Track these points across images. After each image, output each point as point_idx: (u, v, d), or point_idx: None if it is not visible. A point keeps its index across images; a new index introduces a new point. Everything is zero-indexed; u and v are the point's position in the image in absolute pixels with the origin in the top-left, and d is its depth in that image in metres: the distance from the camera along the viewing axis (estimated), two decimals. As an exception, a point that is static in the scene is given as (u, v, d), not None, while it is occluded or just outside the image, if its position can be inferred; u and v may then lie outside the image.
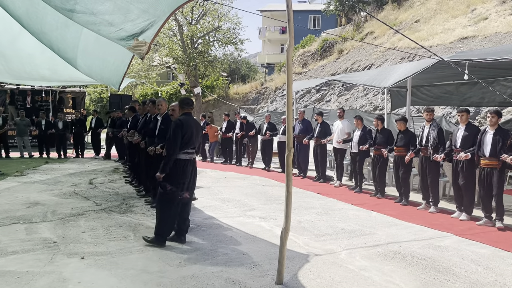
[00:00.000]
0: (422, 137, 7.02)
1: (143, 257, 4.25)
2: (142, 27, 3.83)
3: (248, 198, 7.56)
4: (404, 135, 7.44)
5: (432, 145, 6.75)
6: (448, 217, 6.40)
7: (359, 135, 8.46)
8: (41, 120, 13.48)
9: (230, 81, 36.68)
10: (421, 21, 21.90)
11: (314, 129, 9.87)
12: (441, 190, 7.50)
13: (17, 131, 13.23)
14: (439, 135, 6.74)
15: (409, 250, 4.72)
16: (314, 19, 37.72)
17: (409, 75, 7.85)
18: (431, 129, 6.86)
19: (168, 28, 22.00)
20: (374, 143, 7.97)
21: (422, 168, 7.06)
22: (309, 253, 4.55)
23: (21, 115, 13.73)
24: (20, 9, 5.14)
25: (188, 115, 4.82)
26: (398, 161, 7.47)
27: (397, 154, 7.48)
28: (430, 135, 6.82)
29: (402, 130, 7.51)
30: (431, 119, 6.96)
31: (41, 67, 8.78)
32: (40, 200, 6.77)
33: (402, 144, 7.41)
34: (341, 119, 9.23)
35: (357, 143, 8.39)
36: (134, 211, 6.26)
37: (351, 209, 6.89)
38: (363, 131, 8.47)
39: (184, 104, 4.88)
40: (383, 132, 7.93)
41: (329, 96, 21.86)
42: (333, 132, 9.42)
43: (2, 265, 3.91)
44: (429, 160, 6.81)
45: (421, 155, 7.06)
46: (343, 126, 9.11)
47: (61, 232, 5.03)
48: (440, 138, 6.72)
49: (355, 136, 8.60)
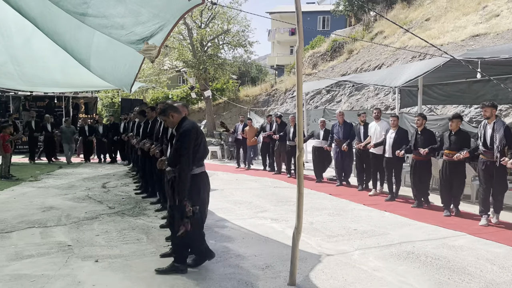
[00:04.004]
0: (486, 137, 5.85)
1: (156, 259, 4.28)
2: (152, 31, 3.88)
3: (259, 199, 7.57)
4: (457, 136, 6.38)
5: (499, 147, 5.62)
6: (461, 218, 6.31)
7: (393, 137, 7.53)
8: (84, 126, 13.91)
9: (240, 83, 36.74)
10: (432, 19, 21.70)
11: (358, 132, 8.72)
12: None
13: (63, 138, 13.57)
14: (507, 135, 5.61)
15: (422, 250, 4.68)
16: (323, 20, 37.62)
17: (420, 74, 7.78)
18: (496, 128, 5.73)
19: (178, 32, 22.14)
20: (414, 146, 7.03)
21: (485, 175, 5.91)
22: (322, 254, 4.54)
23: (67, 122, 14.12)
24: (34, 11, 5.22)
25: (186, 119, 3.99)
26: (449, 167, 6.44)
27: (450, 159, 6.38)
28: (495, 136, 5.70)
29: (455, 130, 6.42)
30: (491, 116, 5.80)
31: (53, 70, 8.91)
32: (54, 204, 6.86)
33: (456, 146, 6.30)
34: (377, 121, 8.14)
35: (392, 146, 7.51)
36: (146, 214, 6.31)
37: (364, 209, 6.85)
38: (399, 132, 7.54)
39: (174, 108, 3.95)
40: (425, 133, 6.99)
41: (340, 96, 21.76)
42: (369, 135, 8.32)
43: (18, 269, 3.98)
44: (494, 165, 5.71)
45: (483, 159, 5.89)
46: (381, 129, 8.02)
47: (75, 235, 5.10)
48: (508, 139, 5.59)
49: (388, 138, 7.64)
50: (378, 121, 8.15)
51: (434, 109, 14.20)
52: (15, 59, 8.23)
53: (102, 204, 6.93)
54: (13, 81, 10.29)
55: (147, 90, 30.70)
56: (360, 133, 8.59)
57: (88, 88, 14.97)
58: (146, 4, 3.65)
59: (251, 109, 25.88)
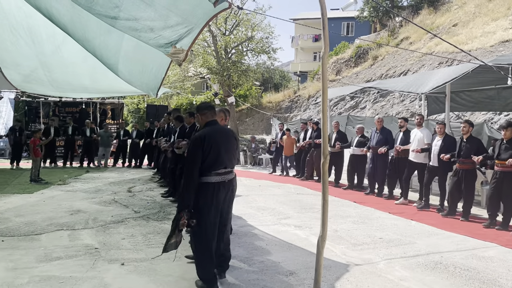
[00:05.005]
0: None
1: (180, 264, 4.31)
2: (180, 34, 3.96)
3: (283, 206, 7.54)
4: (510, 145, 6.03)
5: None
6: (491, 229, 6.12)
7: (439, 145, 7.23)
8: (120, 131, 14.37)
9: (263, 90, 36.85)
10: (459, 25, 21.27)
11: (396, 137, 8.39)
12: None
13: (100, 142, 14.01)
14: None
15: (451, 260, 4.56)
16: (347, 26, 37.42)
17: (448, 81, 7.63)
18: None
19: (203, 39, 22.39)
20: (459, 155, 6.77)
21: None
22: (347, 262, 4.48)
23: (105, 127, 14.57)
24: (65, 17, 5.38)
25: (213, 124, 3.82)
26: (501, 178, 6.07)
27: (502, 169, 6.04)
28: None
29: (508, 138, 6.07)
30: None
31: (82, 76, 9.16)
32: (82, 208, 7.01)
33: (508, 155, 5.94)
34: (419, 127, 7.80)
35: (438, 154, 7.20)
36: (171, 218, 6.32)
37: (389, 218, 6.74)
38: (445, 140, 7.21)
39: (204, 109, 3.84)
40: (471, 141, 6.68)
41: (364, 103, 21.53)
42: (410, 142, 7.99)
43: (47, 270, 4.07)
44: None
45: None
46: (423, 136, 7.68)
47: (102, 238, 5.19)
48: None
49: (434, 146, 7.35)
50: (420, 127, 7.82)
51: (462, 116, 13.88)
52: (45, 66, 8.49)
53: (127, 208, 7.05)
54: (43, 86, 10.63)
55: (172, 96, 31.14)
56: (398, 140, 8.26)
57: (115, 94, 15.31)
58: (174, 8, 3.72)
59: (274, 116, 25.90)
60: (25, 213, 6.48)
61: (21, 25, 6.79)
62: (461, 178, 6.75)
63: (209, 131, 3.69)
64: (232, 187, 3.83)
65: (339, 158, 10.28)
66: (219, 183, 3.66)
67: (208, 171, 3.62)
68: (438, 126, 7.37)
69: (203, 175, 3.62)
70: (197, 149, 3.58)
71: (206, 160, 3.59)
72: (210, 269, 3.69)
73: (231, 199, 3.87)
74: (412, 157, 7.77)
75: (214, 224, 3.68)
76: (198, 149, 3.58)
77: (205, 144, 3.57)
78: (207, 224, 3.62)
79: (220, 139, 3.70)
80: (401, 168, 8.08)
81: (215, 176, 3.64)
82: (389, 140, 8.67)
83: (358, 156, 9.52)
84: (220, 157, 3.65)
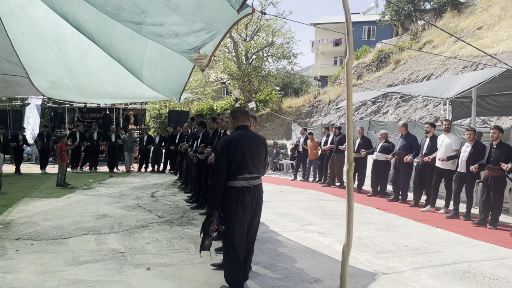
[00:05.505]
0: None
1: (205, 269, 4.34)
2: (203, 40, 4.01)
3: (305, 212, 7.51)
4: None
5: None
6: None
7: (469, 151, 7.03)
8: (143, 136, 14.60)
9: (283, 95, 36.85)
10: (484, 28, 20.86)
11: (422, 143, 8.18)
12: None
13: (125, 147, 14.32)
14: None
15: (479, 269, 4.45)
16: (368, 30, 37.16)
17: (475, 85, 7.48)
18: None
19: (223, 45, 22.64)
20: (488, 161, 6.57)
21: None
22: (372, 270, 4.42)
23: (129, 133, 14.90)
24: (91, 25, 5.53)
25: (243, 128, 3.87)
26: None
27: None
28: None
29: None
30: None
31: (106, 82, 9.36)
32: (107, 212, 7.14)
33: None
34: (447, 133, 7.60)
35: (466, 161, 7.00)
36: (194, 223, 6.42)
37: (414, 225, 6.63)
38: (475, 146, 6.99)
39: (237, 113, 3.94)
40: (500, 147, 6.49)
41: (386, 107, 21.29)
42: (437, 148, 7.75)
43: (75, 274, 4.16)
44: None
45: None
46: (451, 141, 7.47)
47: (127, 243, 5.27)
48: None
49: (463, 152, 7.13)
50: (448, 133, 7.63)
51: (488, 120, 13.58)
52: (71, 72, 8.73)
53: (151, 213, 7.14)
54: (69, 92, 10.91)
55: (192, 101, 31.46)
56: (425, 146, 8.04)
57: (138, 99, 15.57)
58: (199, 13, 3.77)
59: (294, 121, 25.85)
60: (53, 217, 6.64)
61: (48, 34, 7.02)
62: (490, 185, 6.56)
63: (236, 136, 3.75)
64: (258, 193, 3.82)
65: (362, 164, 10.14)
66: (244, 188, 3.68)
67: (233, 175, 3.66)
68: (468, 132, 7.18)
69: (229, 179, 3.68)
70: (223, 152, 3.66)
71: (232, 164, 3.65)
72: (237, 273, 3.70)
73: (259, 206, 3.85)
74: (439, 164, 7.60)
75: (241, 228, 3.69)
76: (224, 152, 3.65)
77: (231, 148, 3.63)
78: (234, 228, 3.65)
79: (247, 144, 3.72)
80: (427, 175, 7.92)
81: (241, 180, 3.68)
82: (413, 146, 8.48)
83: (381, 161, 9.39)
84: (244, 161, 3.67)
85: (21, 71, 8.60)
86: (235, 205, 3.64)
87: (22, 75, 8.87)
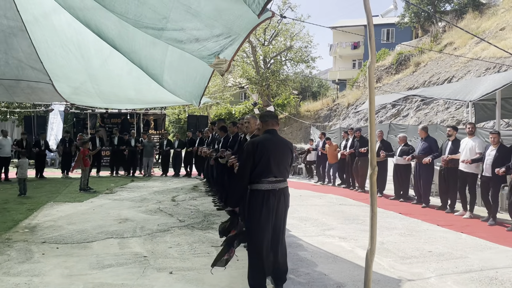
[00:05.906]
0: None
1: (226, 274, 4.33)
2: (222, 45, 4.03)
3: (325, 217, 7.45)
4: None
5: None
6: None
7: (493, 155, 6.91)
8: (163, 141, 14.81)
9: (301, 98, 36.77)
10: (507, 28, 20.40)
11: (444, 147, 8.07)
12: None
13: (144, 152, 14.54)
14: None
15: (507, 276, 4.34)
16: (387, 33, 36.78)
17: (499, 87, 7.34)
18: None
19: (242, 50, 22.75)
20: None
21: None
22: (396, 276, 4.36)
23: (148, 137, 15.11)
24: (113, 31, 5.63)
25: (271, 132, 3.86)
26: None
27: None
28: None
29: None
30: None
31: (127, 87, 9.51)
32: (129, 216, 7.23)
33: None
34: (471, 136, 7.49)
35: (491, 165, 6.87)
36: (215, 227, 6.43)
37: (438, 230, 6.50)
38: (500, 150, 6.87)
39: (266, 117, 3.94)
40: None
41: (406, 111, 21.00)
42: (459, 151, 7.66)
43: (100, 277, 4.22)
44: None
45: None
46: (475, 144, 7.33)
47: (150, 247, 5.32)
48: None
49: (487, 156, 7.02)
50: (472, 136, 7.48)
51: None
52: (93, 78, 8.91)
53: (172, 217, 7.19)
54: (91, 98, 11.13)
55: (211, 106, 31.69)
56: (447, 149, 7.92)
57: (158, 104, 15.78)
58: (219, 18, 3.80)
59: (312, 124, 25.75)
60: (77, 221, 6.76)
61: (71, 41, 7.19)
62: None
63: (263, 139, 3.77)
64: (284, 197, 3.77)
65: (383, 168, 10.01)
66: (269, 191, 3.67)
67: (258, 178, 3.67)
68: (492, 135, 7.01)
69: (254, 182, 3.69)
70: (249, 155, 3.68)
71: (257, 168, 3.66)
72: (259, 277, 3.68)
73: (284, 209, 3.80)
74: (462, 167, 7.44)
75: (265, 231, 3.65)
76: (249, 155, 3.68)
77: (257, 151, 3.66)
78: (258, 230, 3.64)
79: (273, 148, 3.72)
80: (450, 179, 7.77)
81: (266, 184, 3.67)
82: (433, 148, 8.37)
83: (402, 165, 9.27)
84: (269, 165, 3.67)
85: (45, 78, 8.83)
86: (260, 208, 3.63)
87: (46, 82, 9.10)
